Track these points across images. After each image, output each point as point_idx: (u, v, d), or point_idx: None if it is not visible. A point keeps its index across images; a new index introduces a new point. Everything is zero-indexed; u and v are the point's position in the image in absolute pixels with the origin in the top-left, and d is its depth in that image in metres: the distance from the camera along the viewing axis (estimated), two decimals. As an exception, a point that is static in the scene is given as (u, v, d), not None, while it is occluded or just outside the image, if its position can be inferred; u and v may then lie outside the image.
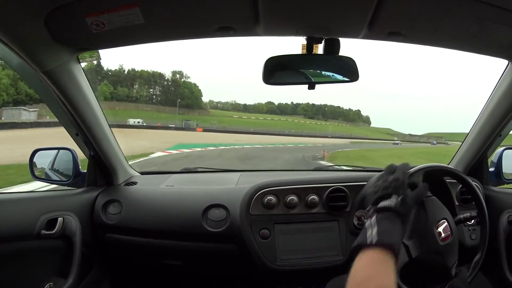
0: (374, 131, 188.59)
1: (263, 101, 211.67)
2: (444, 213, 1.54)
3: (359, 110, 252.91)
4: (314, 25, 1.52)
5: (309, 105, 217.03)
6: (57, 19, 1.33)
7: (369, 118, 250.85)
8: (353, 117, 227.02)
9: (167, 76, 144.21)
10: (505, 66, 1.92)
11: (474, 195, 1.70)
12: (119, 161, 2.34)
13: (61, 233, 1.88)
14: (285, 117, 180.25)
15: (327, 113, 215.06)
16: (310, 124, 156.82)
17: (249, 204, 2.06)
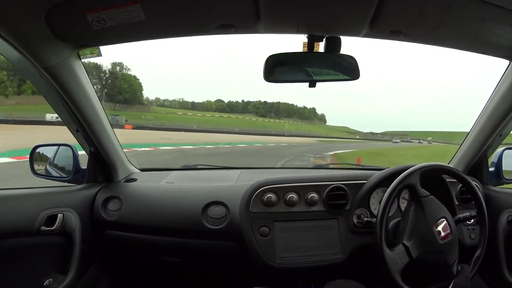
0: (332, 129, 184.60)
1: (212, 99, 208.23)
2: (443, 212, 1.54)
3: (314, 108, 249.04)
4: (315, 23, 1.52)
5: (261, 102, 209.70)
6: (58, 16, 1.33)
7: (324, 116, 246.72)
8: (308, 115, 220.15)
9: (104, 67, 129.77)
10: (506, 67, 1.92)
11: (473, 194, 1.70)
12: (119, 157, 2.35)
13: (60, 230, 1.88)
14: (235, 115, 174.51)
15: (281, 111, 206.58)
16: (263, 122, 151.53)
17: (249, 201, 2.06)
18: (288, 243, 2.04)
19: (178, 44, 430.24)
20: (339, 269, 2.05)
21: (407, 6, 1.37)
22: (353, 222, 2.07)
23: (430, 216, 1.51)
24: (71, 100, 1.81)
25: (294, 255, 2.02)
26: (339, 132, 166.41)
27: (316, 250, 2.04)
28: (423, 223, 1.49)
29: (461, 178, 1.75)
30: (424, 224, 1.49)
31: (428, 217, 1.50)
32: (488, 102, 2.13)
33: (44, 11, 1.29)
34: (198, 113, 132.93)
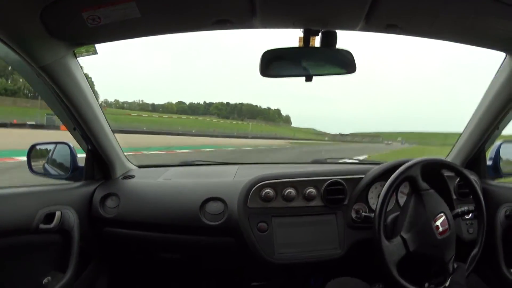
0: (298, 131, 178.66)
1: (173, 101, 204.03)
2: (442, 207, 1.54)
3: (279, 109, 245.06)
4: (311, 17, 1.52)
5: (223, 104, 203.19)
6: (53, 14, 1.33)
7: (289, 118, 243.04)
8: (272, 117, 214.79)
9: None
10: (503, 59, 1.92)
11: (471, 189, 1.70)
12: (117, 154, 2.34)
13: (59, 227, 1.88)
14: (195, 116, 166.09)
15: (244, 112, 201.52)
16: (225, 124, 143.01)
17: (246, 197, 2.06)
18: (287, 239, 2.04)
19: (140, 45, 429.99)
20: (338, 264, 2.06)
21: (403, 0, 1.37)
22: (351, 217, 2.07)
23: (430, 210, 1.51)
24: (67, 99, 1.81)
25: (293, 251, 2.02)
26: (306, 133, 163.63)
27: (315, 246, 2.04)
28: (422, 216, 1.50)
29: (459, 172, 1.75)
30: (423, 218, 1.49)
31: (427, 211, 1.50)
32: (484, 95, 2.13)
33: (39, 9, 1.29)
34: (154, 114, 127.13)
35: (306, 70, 1.69)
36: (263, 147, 36.51)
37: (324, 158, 3.29)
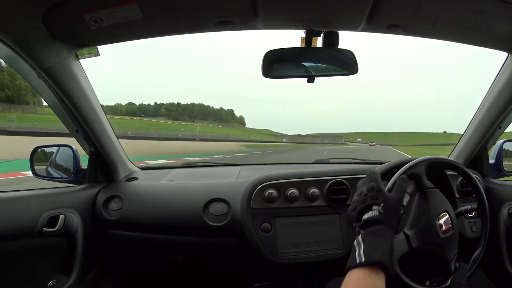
0: (253, 132, 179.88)
1: (123, 102, 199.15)
2: (446, 206, 1.54)
3: (232, 110, 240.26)
4: (313, 18, 1.52)
5: (174, 104, 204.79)
6: (55, 16, 1.33)
7: (243, 119, 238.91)
8: (225, 117, 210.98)
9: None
10: (505, 58, 1.92)
11: (474, 187, 1.70)
12: (120, 157, 2.35)
13: (63, 230, 1.89)
14: (149, 118, 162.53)
15: (195, 113, 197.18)
16: (173, 125, 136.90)
17: (250, 198, 2.06)
18: (290, 239, 2.04)
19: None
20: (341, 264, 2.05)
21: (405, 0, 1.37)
22: None
23: (433, 208, 1.50)
24: (70, 101, 1.82)
25: (296, 251, 2.02)
26: (262, 135, 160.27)
27: (318, 245, 2.04)
28: (426, 214, 1.49)
29: (462, 171, 1.75)
30: (426, 215, 1.49)
31: (431, 209, 1.49)
32: (487, 94, 2.13)
33: (41, 12, 1.30)
34: (116, 116, 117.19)
35: (308, 70, 1.69)
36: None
37: (327, 158, 3.29)
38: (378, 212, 1.20)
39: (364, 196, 1.28)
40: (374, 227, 1.18)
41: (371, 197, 1.25)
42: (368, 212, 1.22)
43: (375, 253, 1.09)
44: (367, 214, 1.22)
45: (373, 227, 1.18)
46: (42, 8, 1.28)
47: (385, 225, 1.19)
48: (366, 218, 1.21)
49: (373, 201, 1.24)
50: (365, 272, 1.07)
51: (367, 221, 1.20)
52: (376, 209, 1.21)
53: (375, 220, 1.19)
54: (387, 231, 1.18)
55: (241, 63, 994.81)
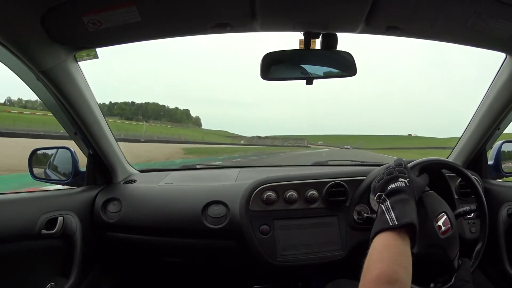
0: (209, 133, 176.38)
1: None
2: (443, 207, 1.53)
3: (188, 110, 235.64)
4: (311, 20, 1.52)
5: (128, 103, 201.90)
6: (53, 18, 1.34)
7: (199, 120, 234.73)
8: (180, 117, 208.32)
9: None
10: (503, 59, 1.93)
11: (473, 188, 1.70)
12: (118, 159, 2.35)
13: (61, 233, 1.89)
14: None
15: (149, 112, 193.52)
16: (122, 125, 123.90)
17: (248, 200, 2.06)
18: (289, 241, 2.03)
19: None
20: (340, 266, 2.05)
21: (403, 1, 1.37)
22: (354, 219, 2.06)
23: (431, 211, 1.50)
24: (68, 103, 1.82)
25: (295, 253, 2.02)
26: (218, 136, 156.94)
27: (317, 247, 2.04)
28: (424, 218, 1.49)
29: (460, 172, 1.75)
30: (424, 219, 1.48)
31: (428, 212, 1.49)
32: (485, 96, 2.13)
33: (40, 14, 1.30)
34: (37, 112, 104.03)
35: (306, 72, 1.69)
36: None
37: (325, 160, 3.29)
38: (404, 183, 1.27)
39: (391, 169, 1.35)
40: (401, 195, 1.24)
41: (399, 171, 1.32)
42: (394, 182, 1.29)
43: (407, 216, 1.15)
44: (394, 184, 1.28)
45: (400, 195, 1.24)
46: (41, 10, 1.29)
47: (411, 196, 1.25)
48: (394, 187, 1.27)
49: (401, 174, 1.31)
50: (393, 236, 1.13)
51: (394, 190, 1.27)
52: (403, 181, 1.28)
53: (402, 189, 1.26)
54: (412, 201, 1.24)
55: (203, 63, 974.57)
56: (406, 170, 1.34)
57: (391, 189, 1.28)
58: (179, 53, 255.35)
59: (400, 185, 1.27)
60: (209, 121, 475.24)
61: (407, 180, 1.29)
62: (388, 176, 1.33)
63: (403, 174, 1.32)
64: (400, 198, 1.24)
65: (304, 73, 1.69)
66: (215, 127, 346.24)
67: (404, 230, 1.13)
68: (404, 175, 1.31)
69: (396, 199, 1.24)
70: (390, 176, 1.32)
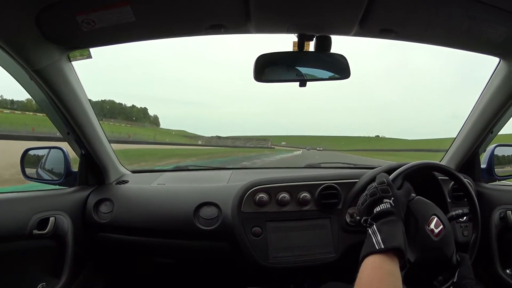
0: (166, 133, 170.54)
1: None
2: (432, 209, 1.53)
3: (146, 108, 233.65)
4: (305, 22, 1.53)
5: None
6: (48, 18, 1.33)
7: (157, 119, 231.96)
8: (137, 115, 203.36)
9: None
10: (497, 64, 1.93)
11: (466, 191, 1.70)
12: (111, 159, 2.35)
13: (53, 233, 1.88)
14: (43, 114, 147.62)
15: (104, 110, 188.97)
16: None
17: (240, 201, 2.06)
18: (281, 243, 2.03)
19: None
20: (333, 268, 2.06)
21: (397, 4, 1.38)
22: (346, 221, 2.07)
23: (420, 217, 1.50)
24: (61, 103, 1.81)
25: (287, 255, 2.01)
26: (175, 136, 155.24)
27: (309, 250, 2.04)
28: (414, 225, 1.48)
29: (452, 175, 1.75)
30: (415, 226, 1.48)
31: (418, 219, 1.49)
32: (479, 100, 2.15)
33: (35, 13, 1.30)
34: (5, 110, 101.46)
35: (300, 75, 1.69)
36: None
37: (318, 163, 3.30)
38: (389, 204, 1.28)
39: (374, 189, 1.35)
40: (387, 217, 1.25)
41: (382, 190, 1.33)
42: (379, 205, 1.29)
43: (393, 240, 1.16)
44: (378, 207, 1.29)
45: (386, 218, 1.25)
46: (36, 9, 1.28)
47: (397, 217, 1.26)
48: (379, 210, 1.28)
49: (384, 194, 1.31)
50: (381, 258, 1.14)
51: (379, 213, 1.28)
52: (387, 202, 1.28)
53: (387, 211, 1.26)
54: (399, 222, 1.25)
55: (166, 62, 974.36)
56: (389, 188, 1.34)
57: (376, 212, 1.29)
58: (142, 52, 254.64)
59: (385, 206, 1.28)
60: (169, 121, 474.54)
61: (391, 200, 1.30)
62: (372, 198, 1.34)
63: (387, 193, 1.32)
64: (386, 220, 1.25)
65: (298, 75, 1.69)
66: (176, 127, 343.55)
67: (391, 252, 1.15)
68: (388, 194, 1.32)
69: (382, 221, 1.25)
70: (374, 198, 1.33)
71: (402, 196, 1.37)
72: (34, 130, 43.09)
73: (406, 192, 1.43)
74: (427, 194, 1.67)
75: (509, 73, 1.88)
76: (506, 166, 2.49)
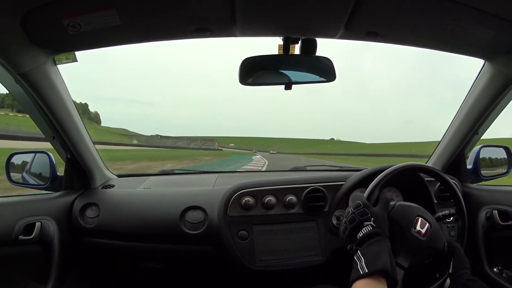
0: (105, 131, 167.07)
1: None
2: (414, 211, 1.53)
3: (87, 104, 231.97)
4: (290, 25, 1.53)
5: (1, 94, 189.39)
6: (33, 20, 1.33)
7: (98, 116, 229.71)
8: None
9: None
10: (482, 66, 1.95)
11: (452, 192, 1.71)
12: (96, 164, 2.33)
13: (39, 238, 1.86)
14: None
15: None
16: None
17: (226, 205, 2.06)
18: (268, 246, 2.03)
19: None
20: (320, 271, 2.06)
21: (383, 7, 1.38)
22: (333, 224, 2.07)
23: (404, 223, 1.49)
24: (47, 106, 1.80)
25: (274, 258, 2.02)
26: (113, 135, 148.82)
27: (296, 253, 2.04)
28: (400, 232, 1.49)
29: (438, 176, 1.76)
30: (402, 233, 1.48)
31: (403, 225, 1.49)
32: (464, 101, 2.17)
33: (20, 16, 1.29)
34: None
35: (286, 77, 1.69)
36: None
37: (303, 166, 3.30)
38: (370, 226, 1.27)
39: (352, 215, 1.34)
40: (371, 240, 1.25)
41: (359, 213, 1.32)
42: (361, 230, 1.29)
43: (377, 262, 1.16)
44: (361, 232, 1.28)
45: (369, 240, 1.25)
46: (21, 12, 1.27)
47: (380, 236, 1.25)
48: (361, 235, 1.28)
49: (363, 217, 1.31)
50: (367, 282, 1.15)
51: (362, 238, 1.27)
52: (368, 224, 1.28)
53: (370, 234, 1.26)
54: (383, 242, 1.24)
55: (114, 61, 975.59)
56: (366, 209, 1.34)
57: (360, 238, 1.29)
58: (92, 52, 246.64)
59: (367, 230, 1.28)
60: (111, 118, 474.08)
61: (372, 221, 1.30)
62: (352, 225, 1.33)
63: (365, 215, 1.32)
64: (370, 242, 1.25)
65: (283, 78, 1.69)
66: (119, 125, 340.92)
67: (377, 275, 1.15)
68: (367, 216, 1.32)
69: (366, 245, 1.25)
70: (353, 225, 1.33)
71: (380, 211, 1.38)
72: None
73: (384, 206, 1.43)
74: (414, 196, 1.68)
75: (493, 75, 1.90)
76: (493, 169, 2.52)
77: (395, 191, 2.13)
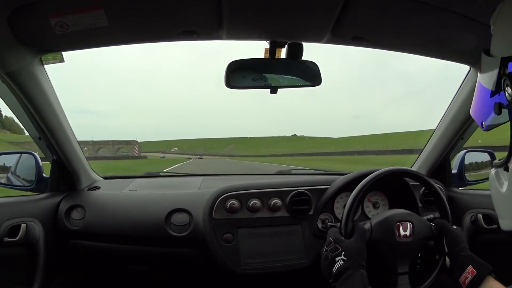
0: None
1: None
2: (391, 220, 1.53)
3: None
4: (277, 29, 1.54)
5: None
6: (20, 19, 1.32)
7: (13, 121, 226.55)
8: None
9: None
10: (467, 72, 1.98)
11: (436, 196, 1.72)
12: (82, 165, 2.32)
13: (24, 240, 1.85)
14: None
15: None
16: None
17: (212, 208, 2.06)
18: (253, 249, 2.04)
19: None
20: (305, 274, 2.06)
21: (369, 13, 1.40)
22: (318, 227, 2.08)
23: (388, 237, 1.50)
24: (33, 107, 1.79)
25: (259, 261, 2.02)
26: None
27: (281, 256, 2.05)
28: (389, 247, 1.49)
29: (423, 180, 1.77)
30: (390, 247, 1.49)
31: (388, 240, 1.49)
32: (449, 107, 2.19)
33: (6, 14, 1.28)
34: None
35: (272, 81, 1.69)
36: None
37: (288, 169, 3.32)
38: (342, 261, 1.32)
39: (325, 253, 1.41)
40: (344, 274, 1.29)
41: (331, 250, 1.38)
42: (334, 265, 1.34)
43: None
44: (334, 268, 1.33)
45: (343, 275, 1.29)
46: (8, 10, 1.27)
47: (354, 269, 1.29)
48: (335, 271, 1.32)
49: (334, 253, 1.36)
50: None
51: (336, 274, 1.31)
52: (339, 259, 1.33)
53: (342, 269, 1.30)
54: (356, 273, 1.29)
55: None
56: (337, 245, 1.39)
57: (333, 274, 1.33)
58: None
59: (339, 265, 1.32)
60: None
61: (342, 255, 1.34)
62: (326, 262, 1.39)
63: (336, 251, 1.36)
64: (344, 277, 1.29)
65: (269, 82, 1.69)
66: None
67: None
68: (338, 251, 1.36)
69: (341, 281, 1.29)
70: (327, 262, 1.38)
71: (355, 243, 1.42)
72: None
73: (359, 236, 1.46)
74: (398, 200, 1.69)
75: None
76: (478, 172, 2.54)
77: (380, 195, 2.15)
